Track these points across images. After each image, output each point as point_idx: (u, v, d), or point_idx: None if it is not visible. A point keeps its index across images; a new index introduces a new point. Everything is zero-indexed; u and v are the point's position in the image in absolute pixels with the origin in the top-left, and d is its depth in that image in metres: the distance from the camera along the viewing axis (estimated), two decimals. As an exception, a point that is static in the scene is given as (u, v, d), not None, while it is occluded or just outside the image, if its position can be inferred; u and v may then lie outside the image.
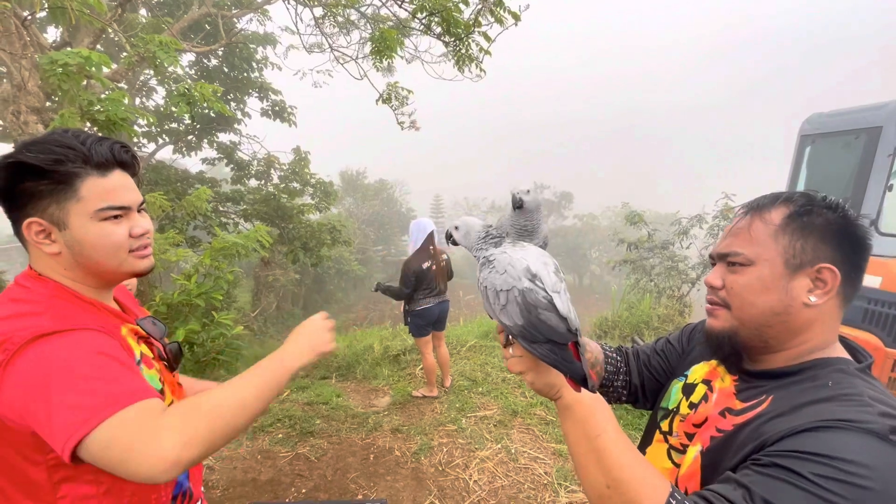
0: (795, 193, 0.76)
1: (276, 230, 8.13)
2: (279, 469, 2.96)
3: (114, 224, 0.83)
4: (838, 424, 0.59)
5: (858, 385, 0.66)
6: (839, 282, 0.69)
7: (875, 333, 3.27)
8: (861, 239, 0.71)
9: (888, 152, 3.32)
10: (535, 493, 2.82)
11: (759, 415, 0.70)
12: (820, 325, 0.72)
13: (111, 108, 2.42)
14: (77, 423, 0.65)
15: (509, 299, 0.68)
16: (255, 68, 9.29)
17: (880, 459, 0.56)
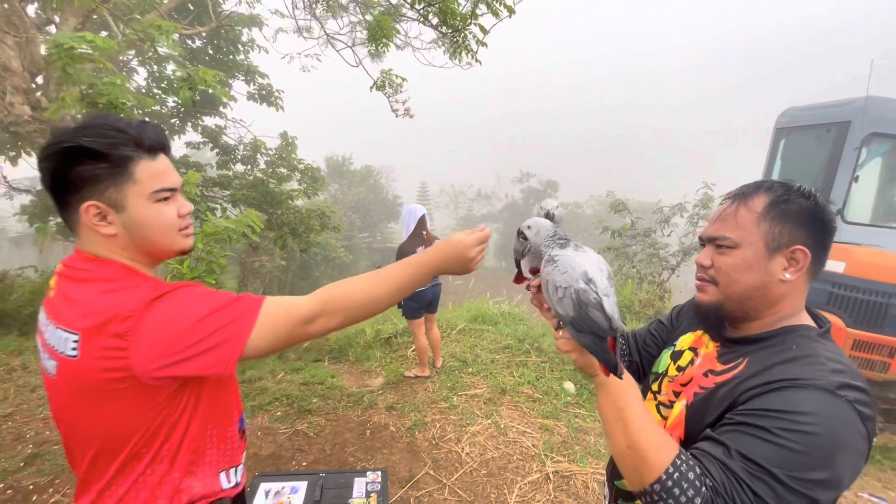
0: (775, 183, 0.87)
1: (264, 215, 8.10)
2: (279, 444, 3.08)
3: (165, 205, 0.88)
4: (796, 383, 0.72)
5: (817, 348, 0.80)
6: (809, 260, 0.82)
7: (838, 315, 3.52)
8: (828, 223, 0.84)
9: (855, 146, 3.54)
10: (523, 463, 3.01)
11: (736, 375, 0.83)
12: (791, 297, 0.85)
13: (112, 91, 2.44)
14: (233, 341, 0.80)
15: (566, 295, 0.81)
16: (240, 50, 9.13)
17: (826, 409, 0.69)
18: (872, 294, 3.43)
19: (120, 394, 0.78)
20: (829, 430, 0.68)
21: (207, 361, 0.79)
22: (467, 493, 2.70)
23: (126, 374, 0.77)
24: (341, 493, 2.11)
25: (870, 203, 3.98)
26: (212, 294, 0.84)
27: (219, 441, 0.94)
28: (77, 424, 0.84)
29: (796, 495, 0.67)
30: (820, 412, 0.69)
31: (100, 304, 0.78)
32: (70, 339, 0.79)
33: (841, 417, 0.69)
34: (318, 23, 5.03)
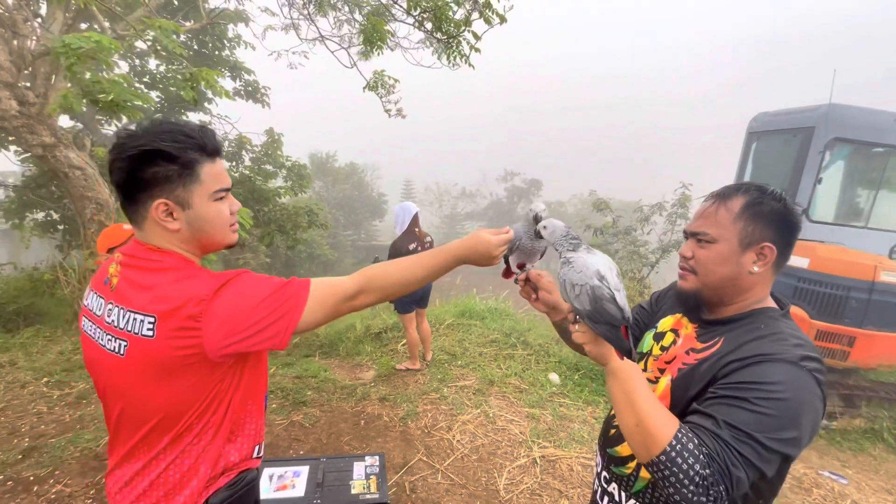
0: (752, 186, 1.00)
1: (251, 212, 8.08)
2: (276, 435, 3.17)
3: (222, 203, 0.97)
4: (767, 358, 0.86)
5: (781, 326, 0.94)
6: (775, 256, 0.96)
7: (802, 307, 3.78)
8: (794, 224, 0.97)
9: (819, 149, 3.79)
10: (511, 449, 3.16)
11: (715, 352, 0.95)
12: (759, 286, 0.99)
13: (116, 90, 2.48)
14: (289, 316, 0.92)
15: (582, 291, 0.92)
16: (226, 46, 9.06)
17: (792, 378, 0.83)
18: (834, 288, 3.69)
19: (190, 369, 0.89)
20: (795, 396, 0.82)
21: (268, 335, 0.90)
22: (459, 477, 2.84)
23: (197, 350, 0.87)
24: (342, 476, 2.23)
25: (833, 203, 4.26)
26: (267, 279, 0.95)
27: (256, 414, 1.06)
28: (141, 400, 0.93)
29: (773, 453, 0.81)
30: (787, 381, 0.83)
31: (174, 291, 0.88)
32: (146, 320, 0.88)
33: (803, 384, 0.83)
34: (309, 21, 5.08)
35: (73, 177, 4.45)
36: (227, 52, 9.32)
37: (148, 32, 2.84)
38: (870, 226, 4.00)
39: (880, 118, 3.86)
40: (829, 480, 3.18)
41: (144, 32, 2.87)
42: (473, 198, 46.50)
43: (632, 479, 1.07)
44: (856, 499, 3.01)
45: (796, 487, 3.08)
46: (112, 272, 0.97)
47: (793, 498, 2.96)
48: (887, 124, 3.83)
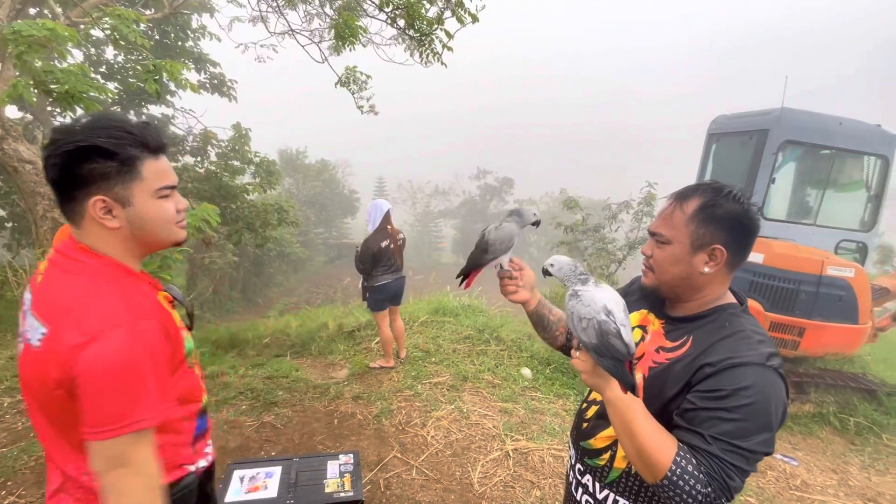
0: (709, 188, 1.02)
1: (218, 210, 7.84)
2: (247, 437, 3.10)
3: (166, 201, 0.95)
4: (735, 363, 0.90)
5: (743, 323, 0.98)
6: (726, 258, 0.99)
7: (758, 300, 3.99)
8: (748, 225, 0.99)
9: (772, 151, 4.01)
10: (485, 443, 3.21)
11: (686, 353, 0.99)
12: (713, 286, 1.03)
13: (71, 80, 2.34)
14: (101, 427, 0.80)
15: (589, 325, 0.93)
16: (190, 37, 8.72)
17: (759, 380, 0.88)
18: (786, 282, 3.92)
19: (61, 398, 0.83)
20: (764, 398, 0.88)
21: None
22: (434, 472, 2.87)
23: (69, 386, 0.81)
24: (315, 475, 2.21)
25: (785, 202, 4.52)
26: (141, 379, 0.84)
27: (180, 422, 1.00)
28: (35, 406, 0.90)
29: (756, 454, 0.88)
30: (756, 384, 0.88)
31: (73, 309, 0.83)
32: (39, 330, 0.85)
33: (770, 384, 0.89)
34: (278, 13, 4.96)
35: (23, 171, 4.20)
36: (190, 43, 8.98)
37: (105, 20, 2.69)
38: (818, 223, 4.26)
39: (827, 122, 4.12)
40: (782, 462, 3.39)
41: (101, 20, 2.73)
42: (447, 195, 46.55)
43: (606, 470, 1.11)
44: (805, 479, 3.22)
45: (752, 470, 3.26)
46: (40, 269, 0.94)
47: (749, 480, 3.13)
48: (833, 128, 4.09)
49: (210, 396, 3.54)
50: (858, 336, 4.11)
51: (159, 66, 2.91)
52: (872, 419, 3.93)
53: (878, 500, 3.05)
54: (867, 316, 4.08)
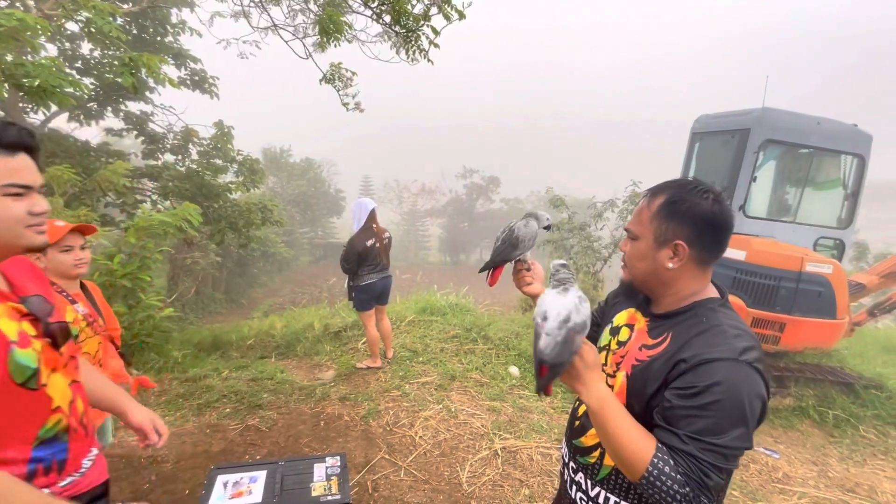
0: (677, 185, 1.03)
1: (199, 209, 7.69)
2: (230, 440, 3.03)
3: (14, 200, 0.90)
4: (708, 359, 0.90)
5: (720, 317, 0.97)
6: (688, 253, 0.99)
7: (740, 297, 4.06)
8: (712, 221, 0.98)
9: (753, 150, 4.08)
10: (473, 442, 3.20)
11: (665, 350, 0.99)
12: (683, 281, 1.02)
13: (43, 74, 2.25)
14: None
15: (534, 326, 1.00)
16: (169, 32, 8.52)
17: (731, 375, 0.87)
18: (767, 278, 4.00)
19: None
20: (735, 394, 0.87)
21: None
22: (422, 472, 2.84)
23: None
24: (301, 478, 2.16)
25: (766, 200, 4.60)
26: None
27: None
28: None
29: (734, 450, 0.87)
30: (728, 380, 0.87)
31: None
32: None
33: (742, 378, 0.88)
34: (261, 9, 4.86)
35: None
36: (170, 38, 8.77)
37: (80, 13, 2.60)
38: (797, 221, 4.35)
39: (806, 122, 4.21)
40: (764, 455, 3.45)
41: (76, 13, 2.63)
42: (433, 194, 46.49)
43: (596, 468, 1.11)
44: (786, 471, 3.28)
45: (735, 464, 3.31)
46: None
47: (733, 474, 3.18)
48: (812, 127, 4.19)
49: (192, 400, 3.47)
50: (836, 331, 4.21)
51: (136, 59, 2.82)
52: (850, 412, 4.03)
53: (856, 491, 3.13)
54: (845, 311, 4.19)
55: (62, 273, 1.83)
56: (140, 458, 2.77)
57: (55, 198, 4.50)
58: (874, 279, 4.98)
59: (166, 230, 4.75)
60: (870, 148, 4.28)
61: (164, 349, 4.41)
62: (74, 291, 1.90)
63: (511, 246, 1.35)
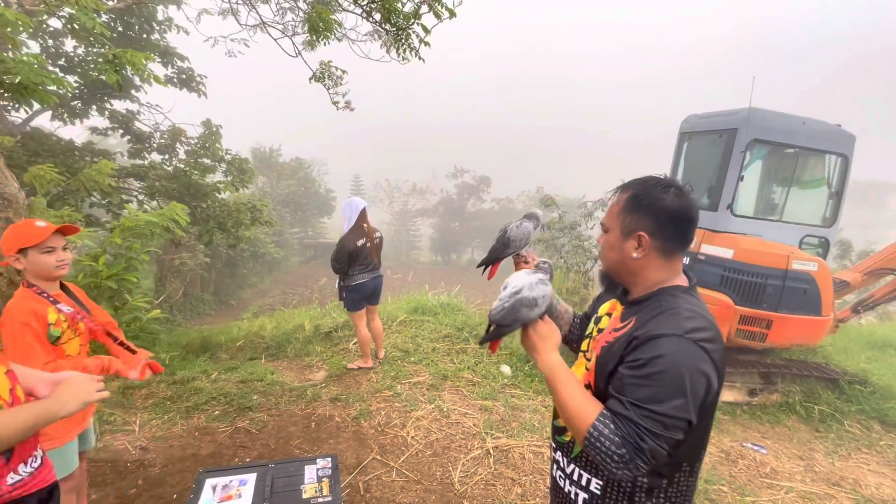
0: (643, 181, 1.11)
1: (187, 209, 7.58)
2: (219, 443, 3.00)
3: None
4: (656, 335, 0.97)
5: (679, 302, 1.04)
6: (651, 243, 1.06)
7: (728, 294, 4.10)
8: (673, 214, 1.05)
9: (741, 150, 4.12)
10: (465, 441, 3.20)
11: (627, 331, 1.06)
12: (648, 270, 1.09)
13: (25, 71, 2.18)
14: None
15: None
16: (155, 29, 8.38)
17: (674, 349, 0.94)
18: (754, 276, 4.05)
19: None
20: (677, 366, 0.93)
21: None
22: (414, 473, 2.83)
23: None
24: (292, 481, 2.14)
25: (753, 199, 4.66)
26: None
27: None
28: None
29: (672, 419, 0.93)
30: (670, 353, 0.94)
31: None
32: None
33: (685, 353, 0.94)
34: (249, 6, 4.80)
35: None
36: (156, 35, 8.62)
37: (63, 9, 2.54)
38: (784, 219, 4.41)
39: (791, 122, 4.27)
40: (751, 451, 3.50)
41: (59, 8, 2.57)
42: (424, 194, 46.42)
43: (570, 446, 1.19)
44: (774, 466, 3.33)
45: (724, 460, 3.35)
46: None
47: (721, 469, 3.22)
48: (797, 128, 4.25)
49: (180, 402, 3.42)
50: (822, 327, 4.28)
51: (120, 56, 2.76)
52: (835, 407, 4.11)
53: (842, 485, 3.19)
54: (829, 308, 4.26)
55: (43, 275, 1.78)
56: (126, 463, 2.72)
57: (38, 198, 4.40)
58: (857, 277, 5.08)
59: (153, 230, 4.68)
60: (853, 148, 4.35)
61: (151, 351, 4.33)
62: (55, 293, 1.85)
63: (503, 245, 1.48)
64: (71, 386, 1.20)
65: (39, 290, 1.78)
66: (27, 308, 1.71)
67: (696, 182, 4.71)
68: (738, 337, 4.10)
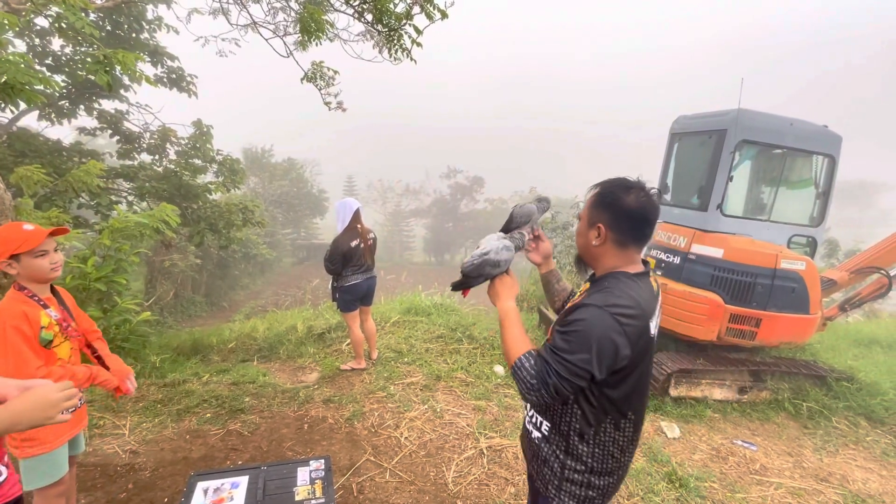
0: (611, 181, 1.30)
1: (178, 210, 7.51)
2: (211, 446, 2.97)
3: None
4: (583, 304, 1.21)
5: (619, 284, 1.23)
6: (608, 234, 1.26)
7: (718, 293, 4.15)
8: (629, 211, 1.23)
9: (730, 150, 4.17)
10: (458, 442, 3.20)
11: (578, 301, 1.26)
12: (606, 257, 1.30)
13: (11, 71, 2.15)
14: None
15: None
16: (145, 29, 8.29)
17: (592, 316, 1.16)
18: (743, 275, 4.09)
19: None
20: (589, 329, 1.15)
21: None
22: (408, 474, 2.83)
23: None
24: (285, 483, 2.13)
25: (742, 199, 4.71)
26: None
27: None
28: None
29: (575, 367, 1.15)
30: (588, 319, 1.17)
31: None
32: None
33: (600, 321, 1.15)
34: (240, 6, 4.77)
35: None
36: (146, 35, 8.53)
37: (51, 8, 2.50)
38: (772, 219, 4.47)
39: (779, 123, 4.32)
40: (742, 448, 3.54)
41: (46, 8, 2.53)
42: (417, 195, 46.39)
43: None
44: (763, 462, 3.37)
45: (715, 457, 3.39)
46: None
47: (712, 466, 3.26)
48: (785, 128, 4.30)
49: (171, 405, 3.39)
50: (810, 325, 4.34)
51: (110, 56, 2.73)
52: (823, 403, 4.16)
53: (830, 480, 3.23)
54: (817, 306, 4.32)
55: (38, 278, 1.76)
56: (116, 467, 2.69)
57: (24, 199, 4.34)
58: (844, 275, 5.15)
59: (143, 232, 4.63)
60: (840, 148, 4.41)
61: (141, 354, 4.29)
62: (46, 296, 1.83)
63: (508, 221, 1.68)
64: (33, 400, 1.02)
65: (30, 293, 1.76)
66: (17, 311, 1.68)
67: (687, 182, 4.76)
68: (729, 335, 4.14)
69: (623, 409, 1.27)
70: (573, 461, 1.31)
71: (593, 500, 1.32)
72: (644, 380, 1.29)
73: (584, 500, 1.32)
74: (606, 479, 1.32)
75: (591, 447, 1.29)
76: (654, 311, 1.26)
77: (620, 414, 1.27)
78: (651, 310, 1.24)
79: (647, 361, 1.29)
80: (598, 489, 1.32)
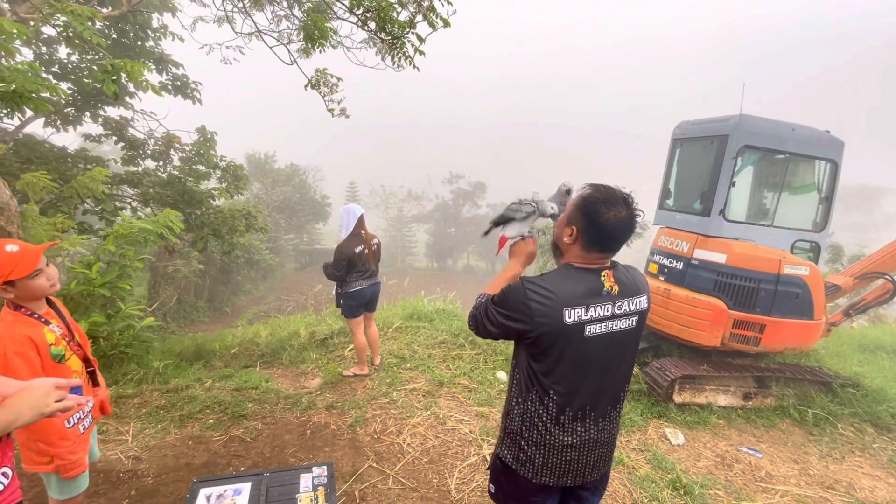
0: (601, 188, 1.39)
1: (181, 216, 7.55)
2: (214, 452, 2.97)
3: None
4: (524, 277, 1.42)
5: (562, 272, 1.41)
6: (576, 236, 1.40)
7: (721, 298, 4.14)
8: (598, 225, 1.35)
9: (732, 155, 4.17)
10: (461, 448, 3.19)
11: None
12: (570, 252, 1.45)
13: (19, 79, 2.17)
14: None
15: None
16: (150, 37, 8.38)
17: (516, 284, 1.39)
18: (747, 280, 4.08)
19: None
20: (511, 292, 1.38)
21: None
22: (410, 480, 2.82)
23: None
24: (287, 490, 2.13)
25: (744, 204, 4.71)
26: None
27: None
28: None
29: (493, 315, 1.42)
30: (510, 288, 1.41)
31: None
32: None
33: (518, 288, 1.36)
34: (244, 14, 4.82)
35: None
36: (151, 43, 8.62)
37: (58, 17, 2.53)
38: (775, 224, 4.46)
39: (781, 128, 4.33)
40: (747, 455, 3.51)
41: (54, 17, 2.56)
42: (419, 200, 46.49)
43: None
44: (769, 470, 3.34)
45: (720, 464, 3.36)
46: None
47: (717, 474, 3.23)
48: (787, 134, 4.30)
49: (174, 411, 3.39)
50: (814, 331, 4.32)
51: (117, 66, 2.76)
52: (828, 410, 4.13)
53: (836, 488, 3.20)
54: (821, 312, 4.30)
55: (37, 296, 1.71)
56: (119, 473, 2.69)
57: (30, 205, 4.38)
58: (849, 281, 5.13)
59: (147, 237, 4.65)
60: (842, 153, 4.41)
61: (144, 359, 4.30)
62: (44, 311, 1.77)
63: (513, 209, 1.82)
64: (29, 394, 1.10)
65: (28, 311, 1.68)
66: (20, 336, 1.60)
67: (689, 187, 4.76)
68: (732, 341, 4.12)
69: (545, 384, 1.41)
70: (510, 419, 1.53)
71: (524, 463, 1.48)
72: (569, 369, 1.39)
73: (517, 460, 1.50)
74: (535, 451, 1.45)
75: (521, 409, 1.48)
76: (579, 304, 1.35)
77: (543, 389, 1.42)
78: (573, 301, 1.34)
79: (572, 352, 1.37)
80: (527, 455, 1.47)
